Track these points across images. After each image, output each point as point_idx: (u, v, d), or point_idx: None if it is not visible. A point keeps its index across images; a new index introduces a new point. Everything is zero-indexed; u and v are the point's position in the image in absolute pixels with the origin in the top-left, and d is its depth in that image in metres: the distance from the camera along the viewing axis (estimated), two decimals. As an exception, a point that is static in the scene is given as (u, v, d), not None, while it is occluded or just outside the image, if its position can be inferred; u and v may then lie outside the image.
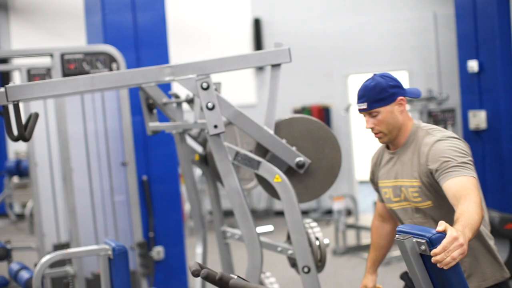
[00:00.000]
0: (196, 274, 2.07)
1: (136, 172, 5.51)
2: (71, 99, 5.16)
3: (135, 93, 5.85)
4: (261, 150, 3.50)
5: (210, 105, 3.25)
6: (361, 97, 2.82)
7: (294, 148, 3.45)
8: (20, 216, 11.17)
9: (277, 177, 3.38)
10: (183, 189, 7.67)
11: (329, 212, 8.05)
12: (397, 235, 2.18)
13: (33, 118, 3.25)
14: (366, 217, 9.16)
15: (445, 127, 7.64)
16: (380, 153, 3.06)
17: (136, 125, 5.80)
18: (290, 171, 3.48)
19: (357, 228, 7.93)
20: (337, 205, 7.41)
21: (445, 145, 2.67)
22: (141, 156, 5.95)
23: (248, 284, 1.89)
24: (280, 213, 3.76)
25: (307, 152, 3.50)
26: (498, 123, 7.20)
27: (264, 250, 3.59)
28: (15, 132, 3.21)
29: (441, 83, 8.83)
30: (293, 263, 3.64)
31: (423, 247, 2.12)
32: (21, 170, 10.08)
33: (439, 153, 2.65)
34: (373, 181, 3.14)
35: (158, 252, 6.02)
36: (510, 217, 5.96)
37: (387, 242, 3.29)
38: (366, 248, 7.71)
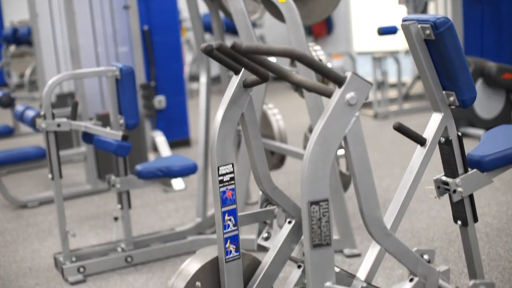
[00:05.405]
0: (208, 49, 2.10)
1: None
2: None
3: None
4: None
5: None
6: None
7: (299, -31, 3.47)
8: (19, 86, 11.19)
9: (282, -3, 3.40)
10: (183, 40, 7.69)
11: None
12: (402, 22, 2.23)
13: None
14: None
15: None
16: None
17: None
18: (295, -7, 3.50)
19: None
20: (336, 63, 7.46)
21: None
22: (142, 6, 5.93)
23: (260, 46, 1.94)
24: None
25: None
26: (498, -14, 7.16)
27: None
28: None
29: None
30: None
31: (427, 32, 2.18)
32: (18, 38, 9.96)
33: None
34: None
35: (159, 101, 6.10)
36: (508, 67, 6.04)
37: None
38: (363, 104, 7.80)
